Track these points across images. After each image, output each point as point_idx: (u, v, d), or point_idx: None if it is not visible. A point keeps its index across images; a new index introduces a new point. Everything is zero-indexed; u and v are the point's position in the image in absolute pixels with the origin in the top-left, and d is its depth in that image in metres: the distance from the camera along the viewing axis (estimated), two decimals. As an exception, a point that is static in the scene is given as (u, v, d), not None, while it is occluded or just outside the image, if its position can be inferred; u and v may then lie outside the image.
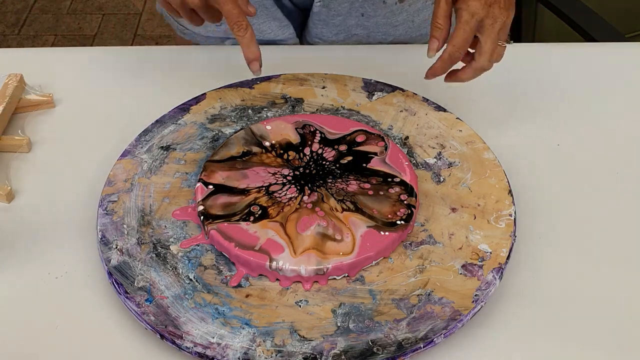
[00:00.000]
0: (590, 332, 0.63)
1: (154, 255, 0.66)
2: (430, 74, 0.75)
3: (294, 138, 0.75)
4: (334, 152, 0.74)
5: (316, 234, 0.66)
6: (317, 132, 0.76)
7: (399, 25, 0.95)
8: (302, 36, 0.99)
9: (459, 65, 0.75)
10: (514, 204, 0.70)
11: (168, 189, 0.72)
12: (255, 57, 0.72)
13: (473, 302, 0.62)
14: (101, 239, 0.67)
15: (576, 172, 0.78)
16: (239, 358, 0.58)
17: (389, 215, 0.67)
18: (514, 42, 0.74)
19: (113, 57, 0.95)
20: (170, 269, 0.65)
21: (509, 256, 0.66)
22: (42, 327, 0.64)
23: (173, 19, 0.98)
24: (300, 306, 0.63)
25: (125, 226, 0.68)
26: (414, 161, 0.75)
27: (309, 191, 0.70)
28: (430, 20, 0.74)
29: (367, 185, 0.70)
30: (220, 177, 0.71)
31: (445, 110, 0.81)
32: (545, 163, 0.79)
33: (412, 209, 0.68)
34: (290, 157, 0.73)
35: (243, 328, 0.60)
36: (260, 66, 0.73)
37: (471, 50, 0.74)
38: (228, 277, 0.65)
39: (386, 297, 0.63)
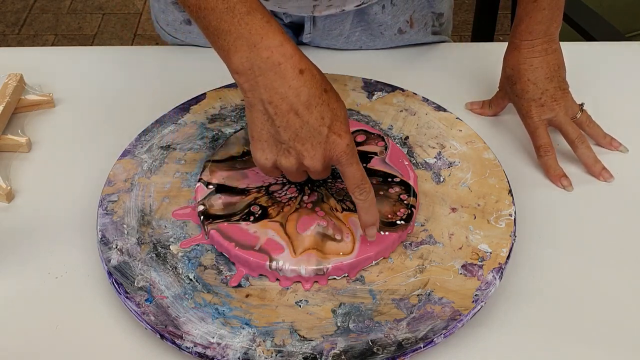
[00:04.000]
0: (590, 332, 0.63)
1: (154, 255, 0.66)
2: (561, 180, 0.76)
3: (294, 138, 0.75)
4: (334, 152, 0.74)
5: (316, 234, 0.66)
6: (317, 132, 0.76)
7: (398, 48, 0.95)
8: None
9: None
10: (514, 204, 0.70)
11: (168, 188, 0.72)
12: (374, 221, 0.63)
13: (473, 302, 0.62)
14: (101, 239, 0.67)
15: (576, 171, 0.78)
16: (239, 358, 0.58)
17: (389, 215, 0.67)
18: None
19: (113, 57, 0.95)
20: (170, 269, 0.65)
21: (509, 256, 0.66)
22: (42, 327, 0.64)
23: (166, 32, 0.97)
24: (300, 306, 0.63)
25: (125, 226, 0.68)
26: (414, 161, 0.75)
27: (308, 191, 0.70)
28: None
29: (367, 185, 0.70)
30: (220, 177, 0.71)
31: (445, 110, 0.81)
32: (545, 163, 0.79)
33: (412, 208, 0.68)
34: (290, 157, 0.73)
35: (243, 328, 0.60)
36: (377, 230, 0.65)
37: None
38: (228, 277, 0.65)
39: (386, 297, 0.63)
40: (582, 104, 0.79)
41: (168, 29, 0.96)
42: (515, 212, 0.69)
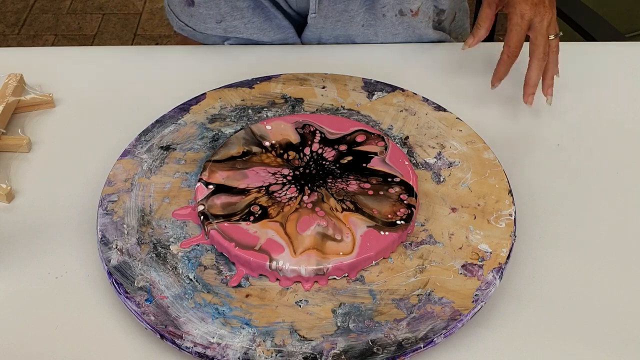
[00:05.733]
0: (590, 332, 0.63)
1: (154, 255, 0.66)
2: (496, 79, 0.80)
3: (294, 138, 0.75)
4: (334, 152, 0.74)
5: (316, 234, 0.66)
6: (317, 132, 0.76)
7: (399, 34, 0.95)
8: (303, 36, 0.99)
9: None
10: (514, 204, 0.70)
11: (168, 189, 0.72)
12: None
13: (473, 302, 0.62)
14: (101, 239, 0.67)
15: (576, 171, 0.78)
16: (239, 358, 0.58)
17: (389, 215, 0.67)
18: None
19: (113, 57, 0.95)
20: (170, 269, 0.65)
21: (509, 256, 0.66)
22: (42, 327, 0.64)
23: (173, 14, 0.98)
24: (300, 306, 0.63)
25: (125, 226, 0.68)
26: (414, 161, 0.75)
27: (309, 191, 0.70)
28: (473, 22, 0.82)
29: (367, 185, 0.70)
30: (220, 177, 0.71)
31: (445, 110, 0.81)
32: (545, 163, 0.79)
33: (412, 208, 0.68)
34: (290, 157, 0.73)
35: (243, 328, 0.61)
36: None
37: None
38: (228, 277, 0.65)
39: (386, 297, 0.63)
40: (559, 33, 0.81)
41: (176, 9, 0.96)
42: (515, 212, 0.69)
